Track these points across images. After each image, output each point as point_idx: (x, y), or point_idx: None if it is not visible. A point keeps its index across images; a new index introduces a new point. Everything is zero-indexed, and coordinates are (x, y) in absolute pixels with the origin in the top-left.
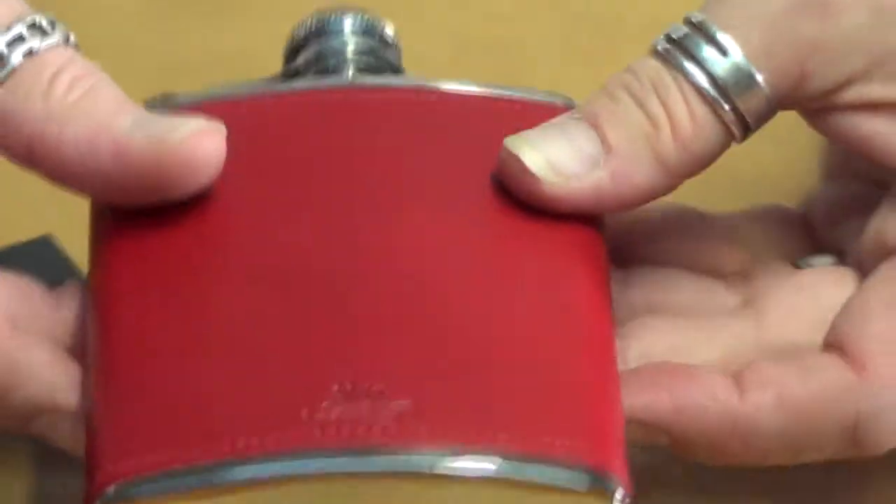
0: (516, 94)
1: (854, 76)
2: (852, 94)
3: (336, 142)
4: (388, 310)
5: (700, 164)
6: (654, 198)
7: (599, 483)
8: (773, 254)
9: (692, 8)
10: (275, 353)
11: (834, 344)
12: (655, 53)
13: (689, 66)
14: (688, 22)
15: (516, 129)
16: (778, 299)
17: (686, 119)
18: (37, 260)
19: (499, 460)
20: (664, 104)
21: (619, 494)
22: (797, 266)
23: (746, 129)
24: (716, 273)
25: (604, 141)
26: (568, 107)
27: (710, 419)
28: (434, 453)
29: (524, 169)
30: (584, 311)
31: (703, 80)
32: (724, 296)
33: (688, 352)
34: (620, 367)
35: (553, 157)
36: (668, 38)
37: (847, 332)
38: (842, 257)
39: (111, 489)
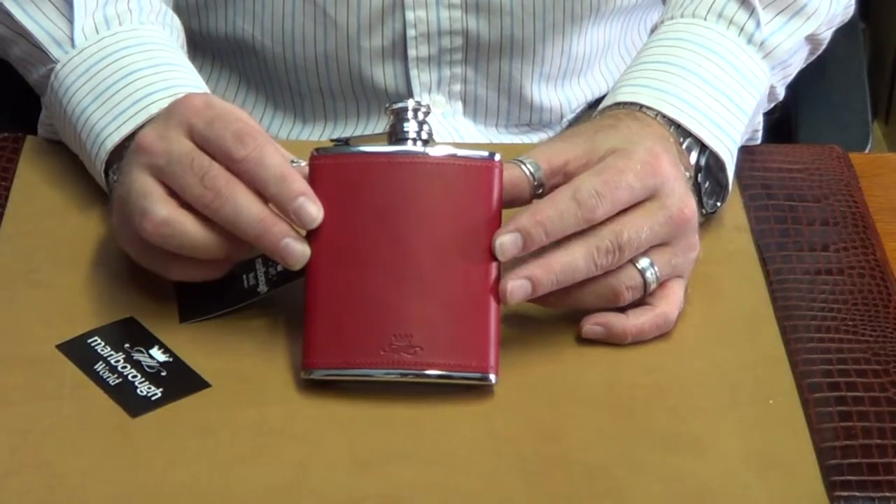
0: (467, 155)
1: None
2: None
3: (394, 187)
4: (414, 292)
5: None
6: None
7: (485, 378)
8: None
9: None
10: (375, 314)
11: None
12: (515, 161)
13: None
14: (518, 158)
15: (473, 175)
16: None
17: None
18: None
19: (443, 372)
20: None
21: (493, 378)
22: None
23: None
24: None
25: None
26: (498, 159)
27: None
28: (424, 371)
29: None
30: (486, 272)
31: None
32: None
33: None
34: None
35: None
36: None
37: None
38: None
39: (307, 371)
